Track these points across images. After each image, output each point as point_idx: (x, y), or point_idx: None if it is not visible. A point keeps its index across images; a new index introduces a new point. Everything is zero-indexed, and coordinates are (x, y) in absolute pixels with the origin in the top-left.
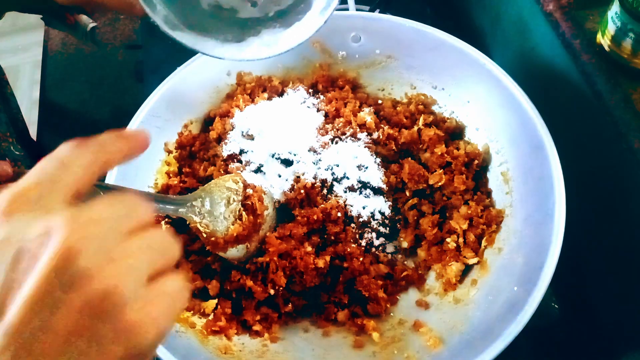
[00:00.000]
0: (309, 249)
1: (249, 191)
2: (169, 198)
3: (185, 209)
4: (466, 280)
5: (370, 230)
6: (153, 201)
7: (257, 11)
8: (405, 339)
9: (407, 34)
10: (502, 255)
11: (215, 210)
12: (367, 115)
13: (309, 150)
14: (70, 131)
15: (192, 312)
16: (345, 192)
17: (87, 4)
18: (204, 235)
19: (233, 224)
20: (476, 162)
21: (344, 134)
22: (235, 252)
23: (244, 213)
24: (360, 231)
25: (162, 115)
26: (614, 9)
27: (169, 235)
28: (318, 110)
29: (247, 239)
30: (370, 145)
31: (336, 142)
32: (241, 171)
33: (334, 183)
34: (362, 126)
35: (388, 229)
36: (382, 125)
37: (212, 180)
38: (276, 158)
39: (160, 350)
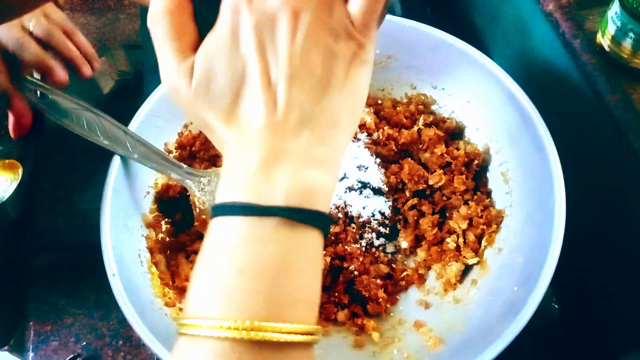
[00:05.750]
0: None
1: None
2: (181, 165)
3: (192, 180)
4: (466, 280)
5: (370, 230)
6: (167, 162)
7: None
8: (405, 339)
9: (407, 34)
10: (502, 255)
11: (217, 193)
12: (367, 115)
13: None
14: (70, 133)
15: None
16: (345, 192)
17: None
18: (197, 211)
19: None
20: (476, 162)
21: None
22: None
23: None
24: (360, 231)
25: (162, 115)
26: (614, 9)
27: None
28: None
29: None
30: (370, 145)
31: None
32: None
33: None
34: (362, 126)
35: (388, 229)
36: (382, 126)
37: None
38: None
39: (162, 352)
